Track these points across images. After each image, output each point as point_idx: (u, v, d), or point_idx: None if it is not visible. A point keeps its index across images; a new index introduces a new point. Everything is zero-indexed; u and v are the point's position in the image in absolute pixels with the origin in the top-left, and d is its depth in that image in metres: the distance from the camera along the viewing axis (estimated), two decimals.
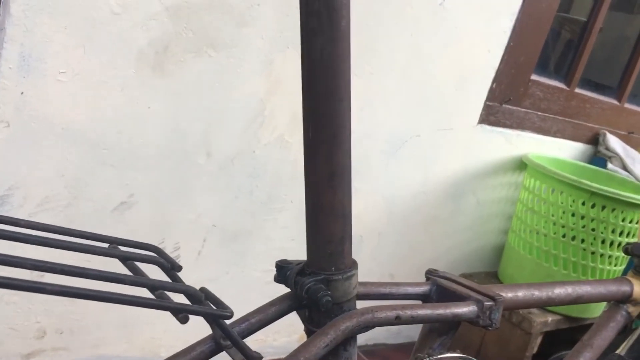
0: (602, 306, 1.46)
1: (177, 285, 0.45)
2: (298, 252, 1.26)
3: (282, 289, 0.61)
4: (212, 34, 1.03)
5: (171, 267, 0.50)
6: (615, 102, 1.87)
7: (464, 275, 1.56)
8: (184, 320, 0.42)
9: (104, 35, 0.93)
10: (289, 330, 1.40)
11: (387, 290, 0.66)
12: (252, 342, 1.20)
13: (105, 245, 0.51)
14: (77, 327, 1.12)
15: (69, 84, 0.93)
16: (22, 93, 0.90)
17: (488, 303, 0.64)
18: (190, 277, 1.18)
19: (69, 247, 0.45)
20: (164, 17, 0.97)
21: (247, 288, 1.29)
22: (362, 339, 1.58)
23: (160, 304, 0.41)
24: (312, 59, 0.49)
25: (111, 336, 1.17)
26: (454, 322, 0.66)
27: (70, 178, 1.00)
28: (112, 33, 0.94)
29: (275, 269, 0.60)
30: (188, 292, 0.45)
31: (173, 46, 1.00)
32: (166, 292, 0.45)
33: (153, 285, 0.44)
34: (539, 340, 1.46)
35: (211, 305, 0.46)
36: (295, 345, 0.54)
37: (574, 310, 1.48)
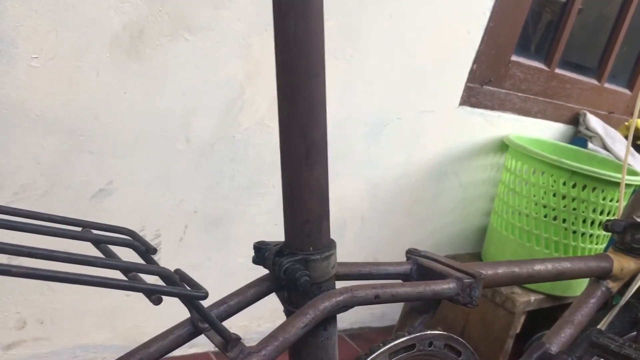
0: (584, 285, 1.47)
1: (151, 267, 0.44)
2: (281, 237, 1.25)
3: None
4: (188, 17, 1.01)
5: (146, 250, 0.49)
6: (595, 82, 1.87)
7: (448, 257, 1.57)
8: (157, 301, 0.41)
9: (76, 18, 0.92)
10: (274, 315, 1.40)
11: (367, 270, 0.66)
12: (236, 328, 1.20)
13: (78, 229, 0.50)
14: (58, 317, 1.11)
15: (42, 69, 0.92)
16: None
17: (468, 280, 0.64)
18: (171, 263, 1.17)
19: (37, 230, 0.44)
20: None
21: (230, 274, 1.29)
22: (346, 322, 1.58)
23: (132, 285, 0.40)
24: (285, 35, 0.48)
25: (93, 325, 1.16)
26: (435, 301, 0.66)
27: (47, 165, 0.98)
28: (85, 16, 0.92)
29: None
30: (162, 274, 0.45)
31: (148, 30, 0.98)
32: (140, 275, 0.44)
33: (126, 268, 0.43)
34: (522, 319, 1.47)
35: (186, 286, 0.46)
36: None
37: (556, 289, 1.49)
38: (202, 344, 1.31)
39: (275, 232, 1.30)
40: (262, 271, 0.60)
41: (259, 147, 1.20)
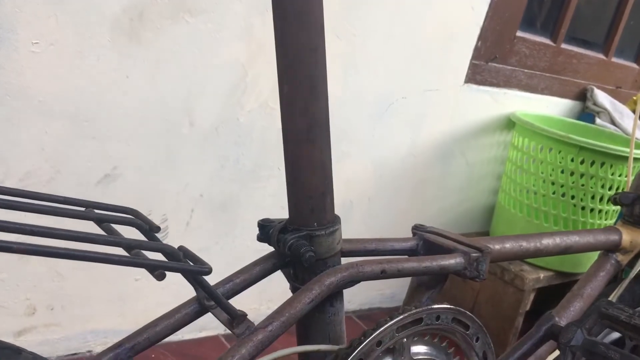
0: (593, 261, 1.46)
1: (154, 244, 0.44)
2: None
3: None
4: None
5: (149, 228, 0.49)
6: (602, 56, 1.85)
7: None
8: (160, 277, 0.41)
9: (76, 3, 0.91)
10: (283, 297, 1.40)
11: (372, 246, 0.65)
12: (246, 310, 1.20)
13: (81, 209, 0.50)
14: (68, 303, 1.11)
15: (43, 54, 0.91)
16: None
17: (475, 254, 0.64)
18: None
19: (40, 210, 0.44)
20: None
21: (238, 257, 1.29)
22: (355, 303, 1.58)
23: (135, 261, 0.40)
24: (283, 7, 0.48)
25: (103, 311, 1.16)
26: (441, 275, 0.66)
27: (51, 152, 0.98)
28: (85, 1, 0.91)
29: None
30: (165, 250, 0.44)
31: (148, 13, 0.98)
32: (144, 253, 0.44)
33: (129, 245, 0.43)
34: (531, 297, 1.46)
35: (189, 262, 0.45)
36: None
37: (566, 266, 1.49)
38: (211, 327, 1.32)
39: (282, 215, 1.29)
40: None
41: (263, 129, 1.20)
